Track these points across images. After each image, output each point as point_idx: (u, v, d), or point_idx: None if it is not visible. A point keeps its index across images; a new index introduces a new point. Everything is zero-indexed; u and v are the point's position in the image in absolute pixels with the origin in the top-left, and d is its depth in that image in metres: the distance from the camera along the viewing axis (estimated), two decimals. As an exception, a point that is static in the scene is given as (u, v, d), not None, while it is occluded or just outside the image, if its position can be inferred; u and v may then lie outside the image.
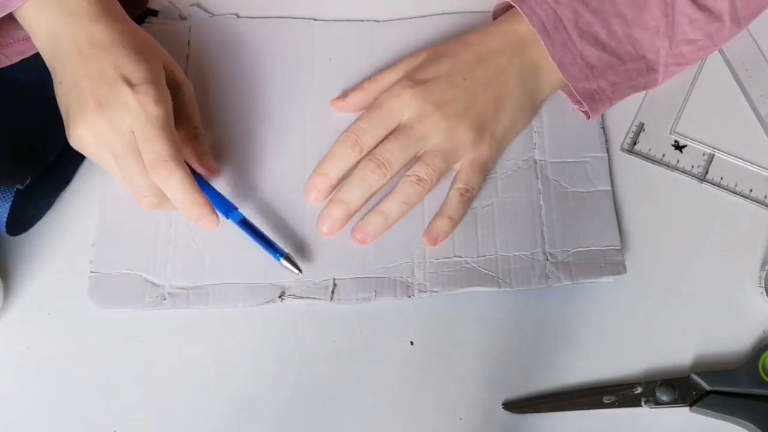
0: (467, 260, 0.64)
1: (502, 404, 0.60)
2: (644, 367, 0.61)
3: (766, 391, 0.59)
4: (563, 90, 0.69)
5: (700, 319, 0.63)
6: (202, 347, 0.61)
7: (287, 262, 0.60)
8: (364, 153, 0.63)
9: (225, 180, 0.66)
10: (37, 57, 0.64)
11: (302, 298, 0.62)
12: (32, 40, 0.61)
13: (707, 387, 0.60)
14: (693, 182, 0.68)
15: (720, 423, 0.59)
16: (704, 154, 0.68)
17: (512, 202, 0.66)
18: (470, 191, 0.64)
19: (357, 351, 0.61)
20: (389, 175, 0.62)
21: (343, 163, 0.63)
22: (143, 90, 0.56)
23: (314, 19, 0.72)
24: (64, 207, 0.65)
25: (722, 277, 0.64)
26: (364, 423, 0.60)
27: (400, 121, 0.63)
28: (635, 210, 0.66)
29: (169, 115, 0.58)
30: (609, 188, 0.66)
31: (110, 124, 0.57)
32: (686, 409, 0.60)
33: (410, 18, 0.72)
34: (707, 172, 0.68)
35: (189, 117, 0.63)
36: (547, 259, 0.63)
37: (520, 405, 0.60)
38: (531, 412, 0.60)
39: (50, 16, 0.58)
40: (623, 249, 0.64)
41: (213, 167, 0.64)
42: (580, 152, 0.68)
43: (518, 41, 0.66)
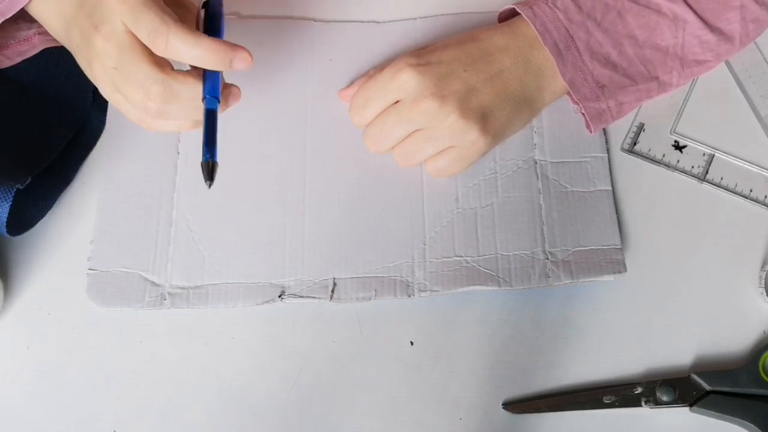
0: (467, 259, 0.64)
1: (502, 404, 0.60)
2: (644, 367, 0.62)
3: (766, 391, 0.59)
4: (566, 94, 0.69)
5: (700, 319, 0.63)
6: (203, 347, 0.62)
7: (204, 168, 0.55)
8: (363, 125, 0.66)
9: (224, 179, 0.66)
10: (38, 57, 0.65)
11: (302, 298, 0.63)
12: (45, 32, 0.61)
13: (707, 387, 0.60)
14: (693, 182, 0.68)
15: (720, 423, 0.60)
16: (704, 155, 0.69)
17: (512, 202, 0.66)
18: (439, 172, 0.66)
19: (357, 351, 0.62)
20: (381, 151, 0.66)
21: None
22: None
23: (314, 20, 0.72)
24: (65, 207, 0.66)
25: (722, 277, 0.65)
26: (364, 423, 0.60)
27: (399, 97, 0.65)
28: (635, 210, 0.67)
29: None
30: (609, 188, 0.67)
31: (104, 35, 0.54)
32: (686, 409, 0.60)
33: (410, 19, 0.72)
34: (707, 173, 0.68)
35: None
36: (548, 258, 0.64)
37: (520, 405, 0.60)
38: (531, 412, 0.60)
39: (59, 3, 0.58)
40: (623, 249, 0.65)
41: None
42: (580, 152, 0.68)
43: (526, 45, 0.66)
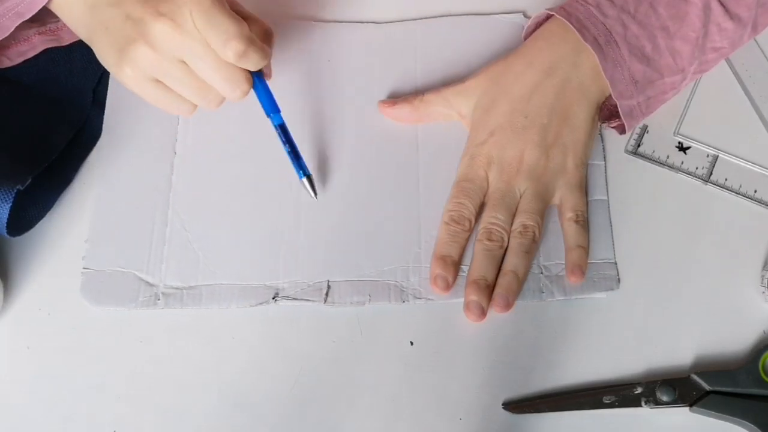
0: (463, 269, 0.65)
1: (502, 404, 0.61)
2: (644, 367, 0.62)
3: (766, 391, 0.60)
4: None
5: (700, 319, 0.64)
6: (202, 347, 0.62)
7: (307, 183, 0.64)
8: (472, 225, 0.65)
9: (220, 181, 0.67)
10: (38, 57, 0.66)
11: (296, 300, 0.63)
12: (45, 32, 0.62)
13: (707, 387, 0.60)
14: (697, 183, 0.69)
15: (720, 423, 0.60)
16: (708, 156, 0.70)
17: None
18: (580, 214, 0.65)
19: (357, 351, 0.62)
20: (506, 238, 0.65)
21: (458, 240, 0.65)
22: None
23: (314, 20, 0.73)
24: (64, 207, 0.66)
25: (724, 277, 0.65)
26: (364, 423, 0.60)
27: (489, 185, 0.66)
28: (639, 211, 0.67)
29: None
30: (605, 198, 0.67)
31: (175, 24, 0.55)
32: (686, 409, 0.60)
33: (410, 20, 0.73)
34: (711, 174, 0.69)
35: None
36: (542, 272, 0.65)
37: (520, 405, 0.61)
38: (531, 412, 0.60)
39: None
40: (624, 249, 0.65)
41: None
42: None
43: (571, 51, 0.66)
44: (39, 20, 0.63)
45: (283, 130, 0.64)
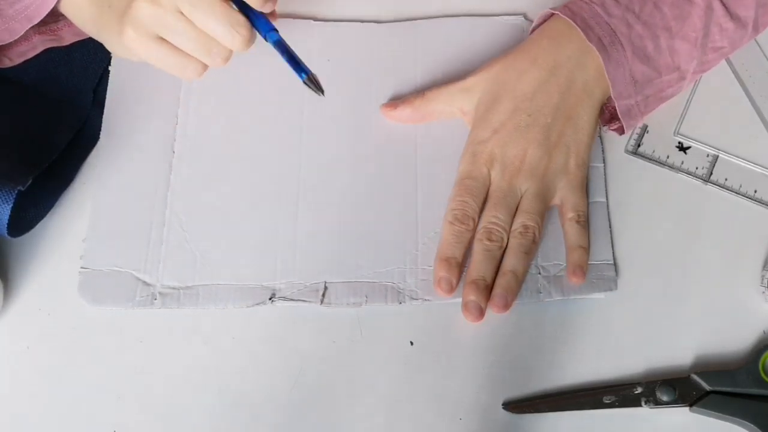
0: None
1: (502, 404, 0.61)
2: (644, 367, 0.62)
3: (766, 391, 0.60)
4: None
5: (700, 319, 0.64)
6: (202, 347, 0.63)
7: (310, 82, 0.59)
8: (476, 224, 0.65)
9: (218, 180, 0.68)
10: (38, 57, 0.67)
11: (293, 301, 0.64)
12: (45, 32, 0.63)
13: (707, 387, 0.61)
14: (697, 183, 0.69)
15: (720, 423, 0.60)
16: (708, 155, 0.70)
17: None
18: (581, 215, 0.66)
19: (357, 351, 0.63)
20: (506, 238, 0.65)
21: (462, 244, 0.65)
22: None
23: (314, 19, 0.73)
24: (64, 207, 0.67)
25: (724, 277, 0.66)
26: (364, 423, 0.61)
27: (490, 182, 0.66)
28: (639, 211, 0.68)
29: None
30: (604, 200, 0.68)
31: None
32: (686, 409, 0.61)
33: (411, 20, 0.73)
34: (711, 173, 0.70)
35: None
36: (540, 273, 0.65)
37: (520, 405, 0.61)
38: (531, 412, 0.61)
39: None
40: (625, 249, 0.66)
41: None
42: None
43: (576, 50, 0.67)
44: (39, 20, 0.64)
45: (280, 45, 0.61)
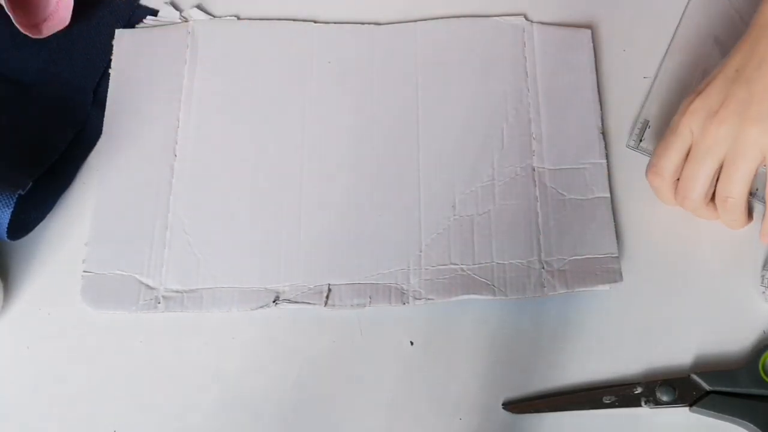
0: (463, 267, 0.65)
1: (502, 404, 0.61)
2: (644, 367, 0.62)
3: (766, 391, 0.60)
4: None
5: (700, 319, 0.64)
6: (202, 347, 0.63)
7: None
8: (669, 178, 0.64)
9: (221, 183, 0.68)
10: (38, 56, 0.68)
11: (296, 303, 0.64)
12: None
13: (707, 387, 0.61)
14: None
15: (720, 423, 0.60)
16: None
17: (509, 210, 0.67)
18: None
19: (357, 351, 0.63)
20: (702, 200, 0.64)
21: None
22: None
23: (315, 21, 0.74)
24: (64, 207, 0.67)
25: (723, 277, 0.66)
26: (364, 423, 0.61)
27: (692, 139, 0.63)
28: (637, 208, 0.68)
29: None
30: (607, 195, 0.68)
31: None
32: (686, 409, 0.61)
33: (411, 21, 0.74)
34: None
35: None
36: (543, 268, 0.65)
37: (520, 405, 0.61)
38: (531, 412, 0.61)
39: None
40: (624, 248, 0.66)
41: None
42: (579, 158, 0.69)
43: None
44: None
45: None
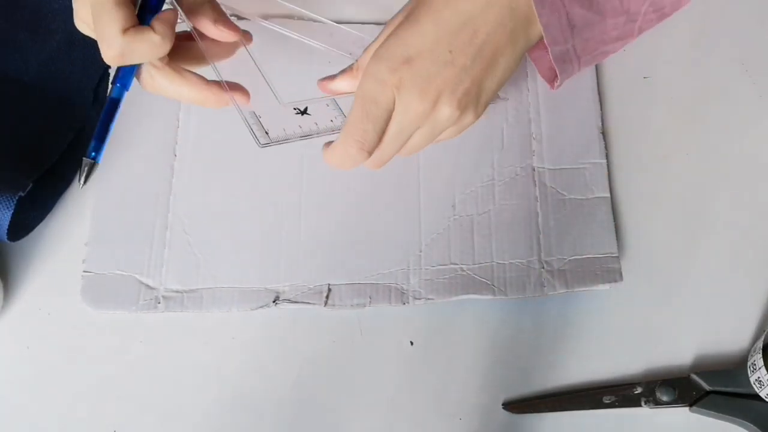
0: (463, 267, 0.66)
1: (502, 404, 0.62)
2: (644, 367, 0.63)
3: None
4: (530, 55, 0.67)
5: (700, 319, 0.65)
6: (202, 347, 0.64)
7: (84, 165, 0.57)
8: (372, 151, 0.61)
9: (221, 183, 0.68)
10: (38, 55, 0.68)
11: (296, 303, 0.64)
12: None
13: (707, 387, 0.61)
14: (695, 181, 0.70)
15: (720, 423, 0.61)
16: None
17: (509, 210, 0.68)
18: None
19: (357, 351, 0.64)
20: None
21: (353, 164, 0.61)
22: None
23: (314, 21, 0.74)
24: (64, 207, 0.68)
25: (724, 277, 0.66)
26: (364, 423, 0.62)
27: (392, 108, 0.60)
28: (636, 209, 0.69)
29: None
30: (607, 195, 0.68)
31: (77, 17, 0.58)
32: (686, 409, 0.61)
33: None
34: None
35: None
36: (543, 267, 0.66)
37: (520, 405, 0.62)
38: (531, 412, 0.62)
39: None
40: (625, 248, 0.67)
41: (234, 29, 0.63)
42: (579, 159, 0.70)
43: None
44: None
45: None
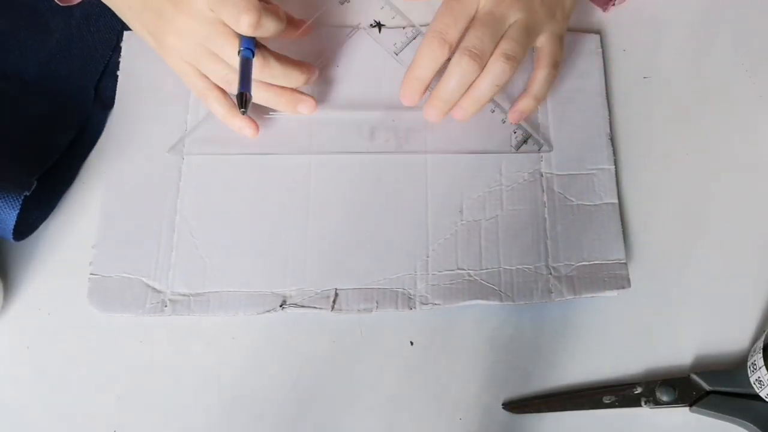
0: (470, 273, 0.66)
1: (502, 404, 0.62)
2: (644, 367, 0.63)
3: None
4: None
5: (701, 319, 0.65)
6: (203, 347, 0.64)
7: (239, 99, 0.61)
8: (453, 48, 0.64)
9: (227, 187, 0.68)
10: (38, 54, 0.68)
11: (303, 308, 0.64)
12: None
13: (707, 387, 0.61)
14: (697, 182, 0.70)
15: (720, 423, 0.61)
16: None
17: (517, 215, 0.68)
18: (558, 64, 0.67)
19: (357, 351, 0.64)
20: (484, 63, 0.63)
21: (436, 63, 0.64)
22: None
23: (323, 25, 0.74)
24: (64, 207, 0.68)
25: (723, 277, 0.66)
26: (364, 423, 0.62)
27: (478, 7, 0.64)
28: (636, 211, 0.69)
29: None
30: (615, 201, 0.68)
31: (189, 13, 0.61)
32: (686, 409, 0.61)
33: (419, 25, 0.74)
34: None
35: None
36: (550, 273, 0.66)
37: (520, 405, 0.62)
38: (531, 412, 0.62)
39: None
40: (628, 252, 0.67)
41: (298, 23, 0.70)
42: (587, 164, 0.70)
43: None
44: None
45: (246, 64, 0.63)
